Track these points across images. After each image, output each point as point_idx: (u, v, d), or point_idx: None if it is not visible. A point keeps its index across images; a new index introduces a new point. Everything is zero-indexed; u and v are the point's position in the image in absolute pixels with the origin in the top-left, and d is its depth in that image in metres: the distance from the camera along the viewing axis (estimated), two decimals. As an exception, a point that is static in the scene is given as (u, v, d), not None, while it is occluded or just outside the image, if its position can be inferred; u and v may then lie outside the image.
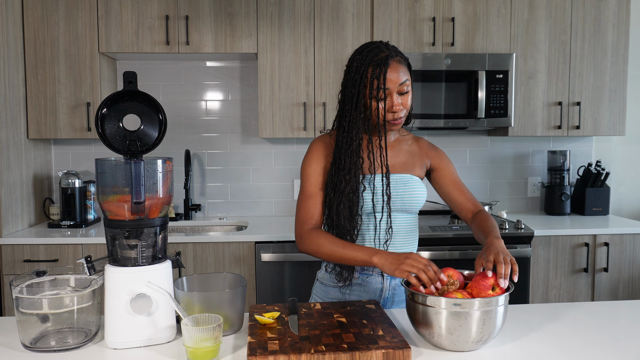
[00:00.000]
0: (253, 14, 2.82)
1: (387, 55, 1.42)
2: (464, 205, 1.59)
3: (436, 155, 1.63)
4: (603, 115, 3.01)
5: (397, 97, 1.43)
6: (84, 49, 2.79)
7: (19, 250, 2.57)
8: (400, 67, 1.43)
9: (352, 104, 1.44)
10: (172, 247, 2.61)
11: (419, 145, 1.63)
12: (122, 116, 1.26)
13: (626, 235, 2.80)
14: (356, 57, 1.45)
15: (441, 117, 2.86)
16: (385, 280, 1.54)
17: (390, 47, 1.46)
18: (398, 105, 1.43)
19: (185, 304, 1.26)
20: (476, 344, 1.16)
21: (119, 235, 1.23)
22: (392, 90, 1.43)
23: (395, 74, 1.42)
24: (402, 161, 1.57)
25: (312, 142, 1.56)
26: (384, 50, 1.44)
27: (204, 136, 3.22)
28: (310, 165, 1.52)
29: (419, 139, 1.65)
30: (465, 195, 1.59)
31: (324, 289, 1.60)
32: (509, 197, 3.38)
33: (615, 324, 1.37)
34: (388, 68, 1.41)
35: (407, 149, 1.59)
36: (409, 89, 1.46)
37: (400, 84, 1.42)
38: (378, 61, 1.41)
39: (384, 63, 1.41)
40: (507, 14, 2.92)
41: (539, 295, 2.78)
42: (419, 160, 1.59)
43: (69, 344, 1.20)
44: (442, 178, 1.61)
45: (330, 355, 1.09)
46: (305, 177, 1.52)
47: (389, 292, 1.55)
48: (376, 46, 1.45)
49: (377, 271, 1.54)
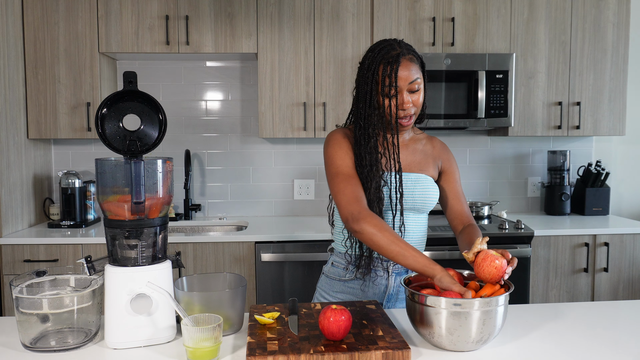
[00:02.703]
0: (253, 14, 2.82)
1: (398, 53, 1.43)
2: (459, 215, 1.58)
3: (447, 158, 1.63)
4: (603, 115, 3.01)
5: (408, 95, 1.44)
6: (84, 49, 2.79)
7: (19, 250, 2.57)
8: (411, 65, 1.44)
9: (366, 102, 1.46)
10: (172, 247, 2.61)
11: (432, 145, 1.63)
12: (122, 116, 1.26)
13: (626, 235, 2.80)
14: (368, 54, 1.46)
15: (441, 117, 2.86)
16: (390, 277, 1.55)
17: (402, 45, 1.46)
18: (408, 102, 1.44)
19: (185, 304, 1.26)
20: (476, 344, 1.16)
21: (119, 235, 1.23)
22: (402, 88, 1.43)
23: (406, 72, 1.42)
24: (417, 160, 1.57)
25: (331, 133, 1.54)
26: (395, 48, 1.44)
27: (204, 136, 3.22)
28: (339, 150, 1.48)
29: (433, 138, 1.65)
30: (462, 206, 1.59)
31: (329, 282, 1.60)
32: (509, 197, 3.38)
33: (615, 324, 1.37)
34: (399, 66, 1.42)
35: (421, 149, 1.60)
36: (420, 87, 1.46)
37: (410, 82, 1.43)
38: (389, 59, 1.42)
39: (395, 61, 1.42)
40: (507, 14, 2.92)
41: (539, 295, 2.78)
42: (432, 161, 1.59)
43: (69, 344, 1.20)
44: (447, 184, 1.61)
45: (329, 355, 1.09)
46: (338, 160, 1.47)
47: (393, 288, 1.56)
48: (389, 44, 1.45)
49: (382, 267, 1.54)
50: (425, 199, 1.53)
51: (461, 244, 1.49)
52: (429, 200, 1.54)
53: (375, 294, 1.56)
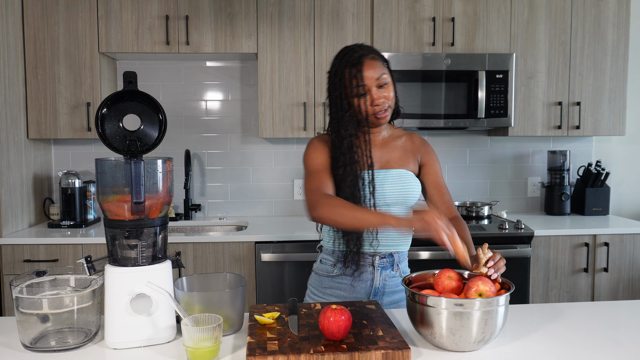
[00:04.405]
0: (253, 14, 2.82)
1: (360, 54, 1.51)
2: (441, 206, 1.62)
3: (426, 152, 1.67)
4: (603, 115, 3.01)
5: (377, 91, 1.50)
6: (84, 49, 2.79)
7: (19, 250, 2.57)
8: (375, 64, 1.51)
9: (337, 106, 1.53)
10: (172, 247, 2.61)
11: (412, 141, 1.68)
12: (122, 116, 1.26)
13: (626, 235, 2.79)
14: (334, 62, 1.55)
15: (441, 117, 2.86)
16: (376, 271, 1.59)
17: (364, 47, 1.54)
18: (379, 98, 1.50)
19: (185, 304, 1.26)
20: (477, 344, 1.16)
21: (119, 235, 1.23)
22: (370, 86, 1.50)
23: (370, 70, 1.49)
24: (397, 156, 1.62)
25: (310, 140, 1.63)
26: (357, 51, 1.52)
27: (204, 136, 3.22)
28: (313, 152, 1.58)
29: (412, 134, 1.70)
30: (443, 197, 1.63)
31: (318, 279, 1.65)
32: (509, 197, 3.38)
33: (615, 324, 1.37)
34: (363, 66, 1.49)
35: (401, 145, 1.65)
36: (387, 81, 1.52)
37: (377, 79, 1.49)
38: (353, 62, 1.50)
39: (358, 62, 1.50)
40: (507, 14, 2.92)
41: (539, 295, 2.77)
42: (412, 156, 1.64)
43: (69, 344, 1.20)
44: (427, 175, 1.65)
45: (329, 355, 1.08)
46: (310, 160, 1.56)
47: (379, 282, 1.60)
48: (351, 49, 1.54)
49: (368, 262, 1.58)
50: (408, 193, 1.57)
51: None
52: (412, 194, 1.58)
53: (362, 288, 1.60)
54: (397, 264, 1.61)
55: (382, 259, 1.59)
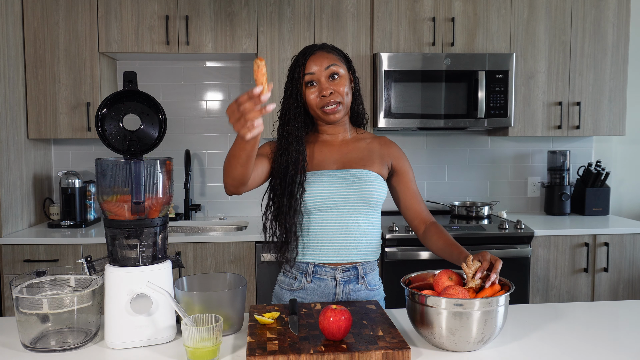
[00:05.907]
0: (253, 14, 2.82)
1: (313, 46, 1.52)
2: (418, 214, 1.59)
3: (397, 157, 1.61)
4: (603, 115, 3.01)
5: (327, 82, 1.48)
6: (84, 49, 2.79)
7: (19, 250, 2.57)
8: (327, 54, 1.50)
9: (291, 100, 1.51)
10: (172, 247, 2.61)
11: (379, 144, 1.62)
12: (122, 116, 1.26)
13: (626, 235, 2.79)
14: (292, 61, 1.54)
15: (441, 117, 2.85)
16: (339, 285, 1.51)
17: (323, 44, 1.55)
18: (327, 89, 1.47)
19: (185, 304, 1.26)
20: (477, 344, 1.16)
21: (119, 235, 1.23)
22: (319, 76, 1.48)
23: (319, 59, 1.48)
24: (357, 157, 1.56)
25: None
26: (315, 45, 1.54)
27: (204, 136, 3.22)
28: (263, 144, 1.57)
29: (381, 138, 1.65)
30: (420, 205, 1.59)
31: (280, 292, 1.58)
32: (509, 197, 3.38)
33: (615, 324, 1.37)
34: (312, 55, 1.49)
35: (364, 147, 1.59)
36: (340, 74, 1.50)
37: (326, 68, 1.48)
38: (306, 51, 1.51)
39: (310, 52, 1.50)
40: (507, 14, 2.92)
41: (539, 295, 2.78)
42: (378, 158, 1.58)
43: (69, 344, 1.20)
44: (401, 184, 1.60)
45: (329, 355, 1.08)
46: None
47: (343, 297, 1.52)
48: (309, 46, 1.55)
49: (329, 275, 1.51)
50: (368, 194, 1.50)
51: (441, 247, 1.48)
52: (374, 195, 1.51)
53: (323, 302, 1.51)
54: (362, 276, 1.53)
55: (346, 272, 1.51)
